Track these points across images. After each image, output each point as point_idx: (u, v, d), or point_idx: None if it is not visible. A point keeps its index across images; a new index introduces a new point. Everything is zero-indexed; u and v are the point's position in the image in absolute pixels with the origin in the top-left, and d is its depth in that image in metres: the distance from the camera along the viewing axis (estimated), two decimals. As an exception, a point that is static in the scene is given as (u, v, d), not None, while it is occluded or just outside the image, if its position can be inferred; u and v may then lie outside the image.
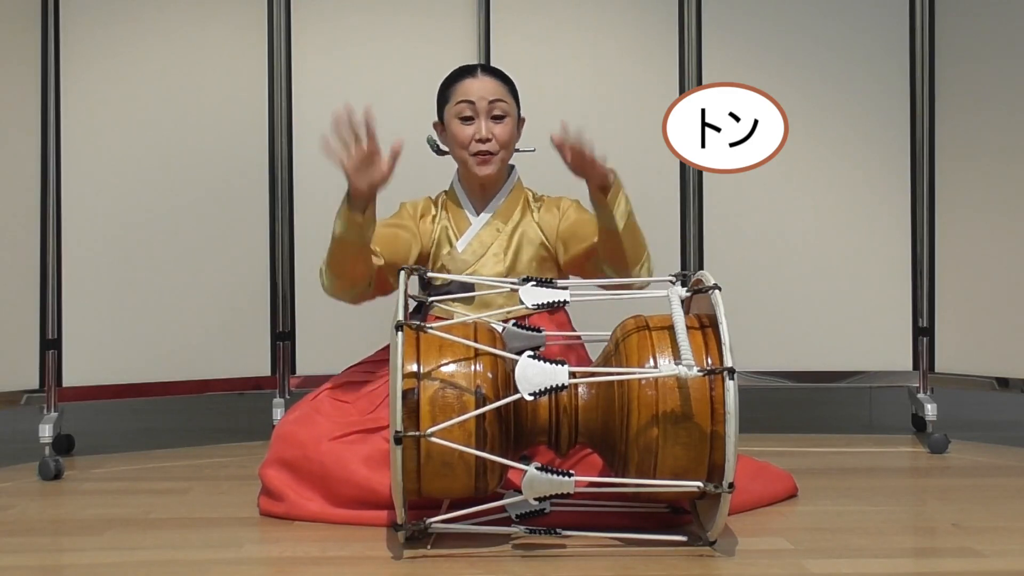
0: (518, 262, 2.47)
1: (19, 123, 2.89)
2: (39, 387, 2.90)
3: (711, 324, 2.00)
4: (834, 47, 3.22)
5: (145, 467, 2.90)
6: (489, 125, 2.44)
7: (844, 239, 3.23)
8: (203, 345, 3.08)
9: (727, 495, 1.87)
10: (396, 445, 1.85)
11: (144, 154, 3.05)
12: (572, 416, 2.00)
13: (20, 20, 2.90)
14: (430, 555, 1.95)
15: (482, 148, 2.44)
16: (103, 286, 2.99)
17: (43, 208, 2.92)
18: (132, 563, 1.95)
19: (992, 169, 3.06)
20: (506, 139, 2.46)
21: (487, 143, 2.44)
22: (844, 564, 1.90)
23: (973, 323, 3.11)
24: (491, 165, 2.45)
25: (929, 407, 3.06)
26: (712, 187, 3.22)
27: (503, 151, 2.46)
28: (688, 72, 3.22)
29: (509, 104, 2.47)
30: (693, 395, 1.91)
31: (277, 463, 2.28)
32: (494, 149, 2.45)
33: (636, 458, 1.94)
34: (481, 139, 2.44)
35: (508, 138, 2.46)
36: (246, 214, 3.14)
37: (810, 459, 2.93)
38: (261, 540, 2.13)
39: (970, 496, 2.46)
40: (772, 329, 3.21)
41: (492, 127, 2.44)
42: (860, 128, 3.22)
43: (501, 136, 2.45)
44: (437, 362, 1.95)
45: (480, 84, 2.47)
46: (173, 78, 3.08)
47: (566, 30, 3.23)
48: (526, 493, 1.92)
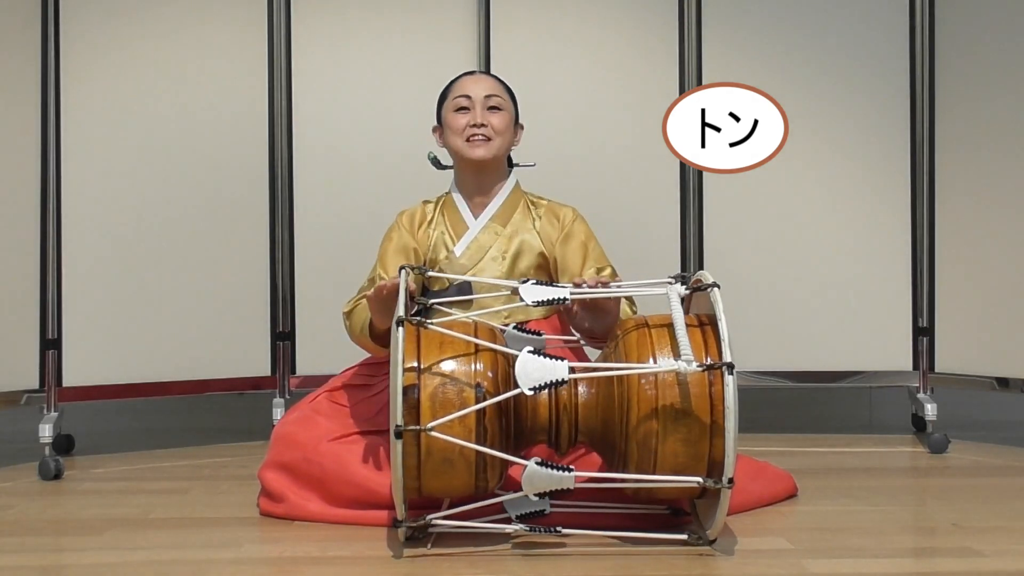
0: (516, 268, 2.46)
1: (19, 123, 2.89)
2: (39, 387, 2.90)
3: (710, 322, 2.00)
4: (834, 45, 3.22)
5: (145, 467, 2.90)
6: (485, 114, 2.45)
7: (844, 239, 3.23)
8: (203, 345, 3.08)
9: (727, 491, 1.87)
10: (396, 439, 1.85)
11: (144, 154, 3.05)
12: (572, 414, 2.00)
13: (20, 20, 2.90)
14: (430, 555, 1.95)
15: (477, 131, 2.44)
16: (103, 286, 2.99)
17: (43, 208, 2.92)
18: (132, 563, 1.95)
19: (993, 169, 3.06)
20: (501, 128, 2.45)
21: (482, 128, 2.44)
22: (844, 564, 1.90)
23: (973, 323, 3.11)
24: (485, 147, 2.44)
25: (929, 407, 3.06)
26: (712, 187, 3.22)
27: (498, 138, 2.45)
28: (688, 68, 3.22)
29: (506, 101, 2.48)
30: (692, 391, 1.91)
31: (276, 465, 2.28)
32: (489, 134, 2.44)
33: (636, 455, 1.94)
34: (476, 124, 2.44)
35: (503, 127, 2.46)
36: (246, 214, 3.14)
37: (810, 459, 2.93)
38: (261, 540, 2.13)
39: (970, 496, 2.46)
40: (772, 329, 3.21)
41: (488, 116, 2.45)
42: (860, 127, 3.22)
43: (497, 125, 2.45)
44: (438, 358, 1.95)
45: (477, 81, 2.50)
46: (173, 77, 3.08)
47: (566, 28, 3.23)
48: (526, 488, 1.92)
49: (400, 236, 2.50)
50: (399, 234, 2.50)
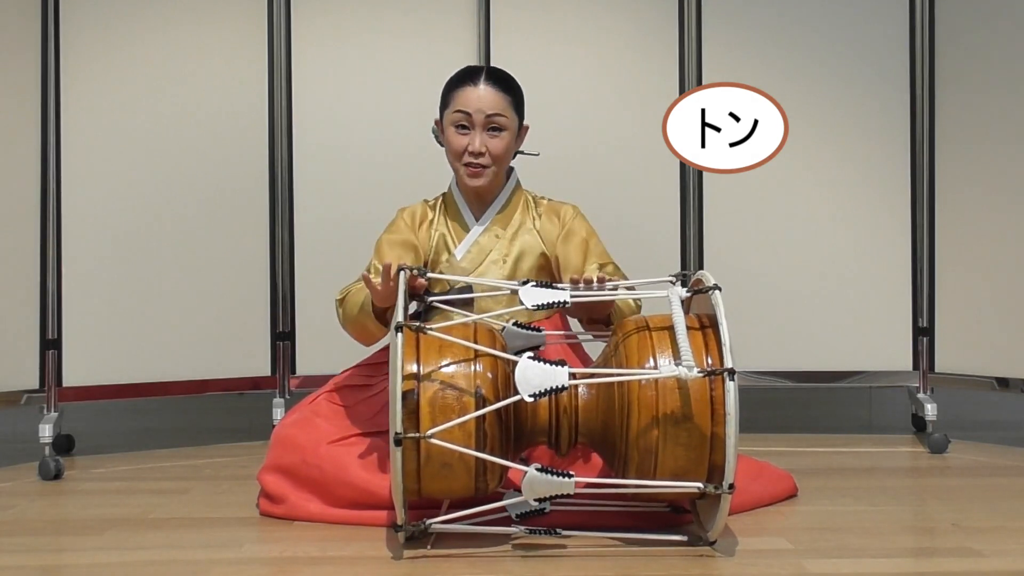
0: (518, 270, 2.44)
1: (19, 123, 2.89)
2: (39, 387, 2.90)
3: (711, 324, 1.99)
4: (834, 45, 3.22)
5: (145, 467, 2.90)
6: (484, 138, 2.39)
7: (844, 239, 3.23)
8: (203, 345, 3.08)
9: (727, 496, 1.87)
10: (396, 447, 1.85)
11: (144, 154, 3.05)
12: (572, 416, 2.00)
13: (20, 20, 2.90)
14: (430, 555, 1.95)
15: (474, 161, 2.40)
16: (103, 286, 2.99)
17: (43, 208, 2.92)
18: (132, 563, 1.95)
19: (993, 169, 3.06)
20: (500, 153, 2.41)
21: (480, 157, 2.40)
22: (844, 564, 1.90)
23: (973, 323, 3.10)
24: (482, 178, 2.42)
25: (929, 407, 3.06)
26: (712, 187, 3.22)
27: (495, 166, 2.42)
28: (688, 67, 3.22)
29: (508, 118, 2.40)
30: (693, 396, 1.91)
31: (275, 468, 2.28)
32: (486, 163, 2.40)
33: (636, 459, 1.94)
34: (474, 152, 2.40)
35: (502, 152, 2.41)
36: (246, 214, 3.14)
37: (810, 459, 2.92)
38: (261, 540, 2.13)
39: (970, 496, 2.46)
40: (772, 329, 3.21)
41: (487, 140, 2.39)
42: (860, 127, 3.22)
43: (495, 150, 2.40)
44: (437, 363, 1.95)
45: (479, 96, 2.39)
46: (173, 78, 3.08)
47: (566, 28, 3.23)
48: (526, 494, 1.92)
49: (400, 231, 2.48)
50: (399, 228, 2.48)
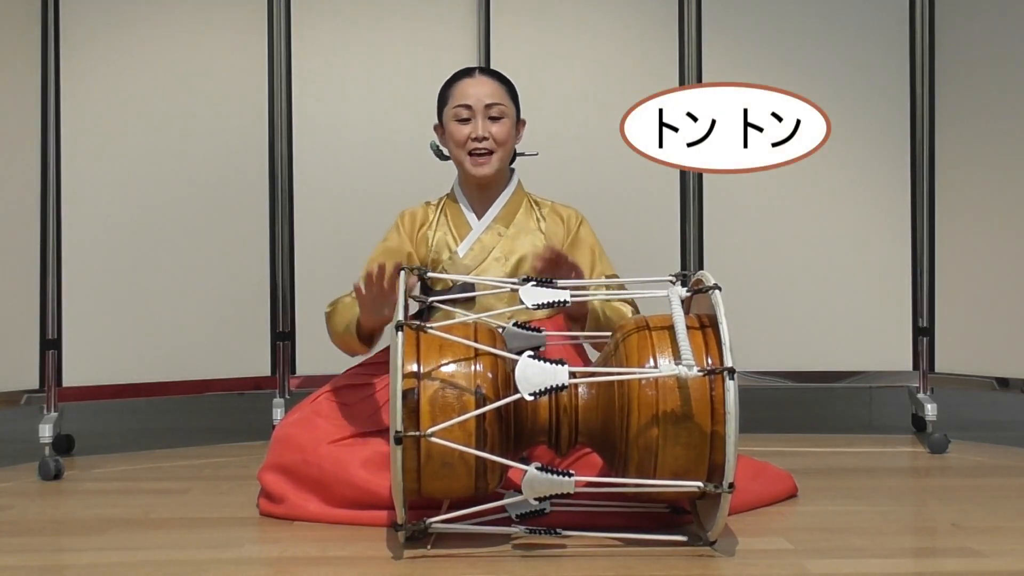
0: (520, 269, 2.45)
1: (19, 123, 2.89)
2: (39, 387, 2.90)
3: (711, 324, 1.99)
4: (834, 48, 3.22)
5: (145, 467, 2.90)
6: (486, 124, 2.44)
7: (844, 239, 3.23)
8: (203, 345, 3.08)
9: (727, 495, 1.87)
10: (396, 445, 1.85)
11: (144, 154, 3.05)
12: (572, 416, 2.00)
13: (20, 20, 2.90)
14: (430, 555, 1.95)
15: (478, 146, 2.44)
16: (103, 286, 2.99)
17: (43, 208, 2.93)
18: (132, 563, 1.94)
19: (992, 169, 3.06)
20: (503, 138, 2.45)
21: (484, 141, 2.43)
22: (844, 564, 1.90)
23: (973, 323, 3.10)
24: (488, 165, 2.45)
25: (929, 407, 3.07)
26: (712, 187, 3.22)
27: (500, 150, 2.45)
28: (688, 68, 3.22)
29: (507, 106, 2.47)
30: (693, 395, 1.91)
31: (276, 467, 2.28)
32: (491, 147, 2.44)
33: (636, 458, 1.94)
34: (477, 137, 2.43)
35: (505, 137, 2.46)
36: (246, 214, 3.14)
37: (810, 459, 2.93)
38: (261, 540, 2.13)
39: (970, 496, 2.46)
40: (772, 329, 3.21)
41: (489, 126, 2.44)
42: (860, 128, 3.22)
43: (498, 135, 2.44)
44: (437, 362, 1.95)
45: (477, 86, 2.46)
46: (173, 78, 3.08)
47: (566, 30, 3.24)
48: (526, 493, 1.92)
49: (395, 238, 2.51)
50: (395, 236, 2.52)
